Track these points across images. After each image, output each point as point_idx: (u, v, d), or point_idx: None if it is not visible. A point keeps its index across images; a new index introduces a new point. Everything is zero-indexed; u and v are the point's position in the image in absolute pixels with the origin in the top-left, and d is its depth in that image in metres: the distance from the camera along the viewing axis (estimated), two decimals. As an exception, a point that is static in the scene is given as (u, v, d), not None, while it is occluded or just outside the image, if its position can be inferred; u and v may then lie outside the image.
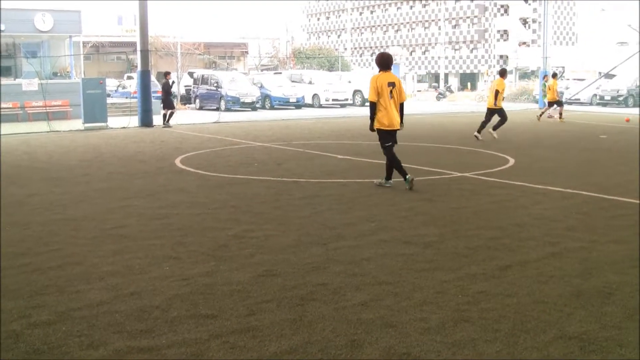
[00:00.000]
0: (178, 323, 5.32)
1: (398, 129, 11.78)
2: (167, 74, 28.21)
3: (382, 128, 11.62)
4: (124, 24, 66.73)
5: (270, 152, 17.63)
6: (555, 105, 30.64)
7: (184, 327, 5.24)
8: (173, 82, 29.77)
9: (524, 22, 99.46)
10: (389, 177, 11.93)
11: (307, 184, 12.30)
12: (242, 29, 73.55)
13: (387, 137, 11.74)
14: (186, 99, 43.21)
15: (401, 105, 11.78)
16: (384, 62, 11.67)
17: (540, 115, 30.51)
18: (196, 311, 5.58)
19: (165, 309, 5.63)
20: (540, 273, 6.72)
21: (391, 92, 11.47)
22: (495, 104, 20.84)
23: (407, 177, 11.61)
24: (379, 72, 11.66)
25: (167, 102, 27.43)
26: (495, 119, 20.88)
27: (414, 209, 10.00)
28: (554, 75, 31.40)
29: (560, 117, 29.96)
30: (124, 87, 45.78)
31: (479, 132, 20.69)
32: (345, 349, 4.84)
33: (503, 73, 22.03)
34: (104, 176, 13.20)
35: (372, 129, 11.75)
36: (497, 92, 20.79)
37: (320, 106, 42.50)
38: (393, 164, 11.79)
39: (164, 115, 27.13)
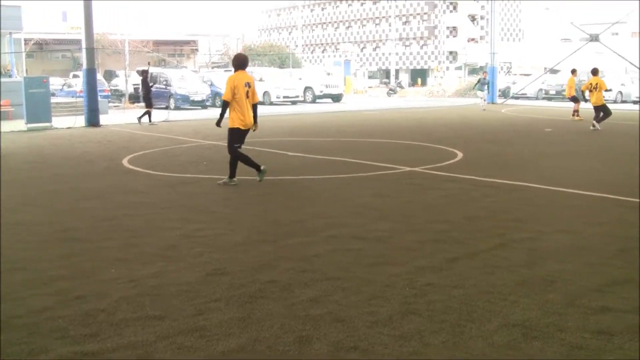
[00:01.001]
0: (124, 326, 5.26)
1: (251, 129, 11.96)
2: (144, 72, 28.16)
3: (238, 127, 11.71)
4: (69, 21, 65.54)
5: (220, 150, 17.51)
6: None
7: (130, 329, 5.19)
8: (153, 84, 29.39)
9: (473, 19, 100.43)
10: (232, 175, 11.91)
11: (257, 181, 12.28)
12: (192, 26, 72.82)
13: (238, 137, 11.86)
14: (135, 98, 42.82)
15: (254, 107, 11.89)
16: (240, 62, 11.82)
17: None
18: (143, 313, 5.54)
19: (111, 312, 5.57)
20: (487, 264, 6.81)
21: (247, 92, 11.60)
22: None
23: (261, 168, 11.91)
24: (235, 72, 11.80)
25: (147, 100, 27.43)
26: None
27: (365, 204, 10.05)
28: (573, 72, 30.08)
29: (576, 114, 28.55)
30: (69, 86, 45.09)
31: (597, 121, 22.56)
32: (294, 345, 4.86)
33: (596, 72, 24.03)
34: (50, 178, 13.02)
35: (218, 124, 12.06)
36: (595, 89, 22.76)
37: (271, 103, 42.39)
38: (237, 161, 11.87)
39: (148, 113, 27.25)
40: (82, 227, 8.85)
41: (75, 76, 45.15)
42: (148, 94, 27.59)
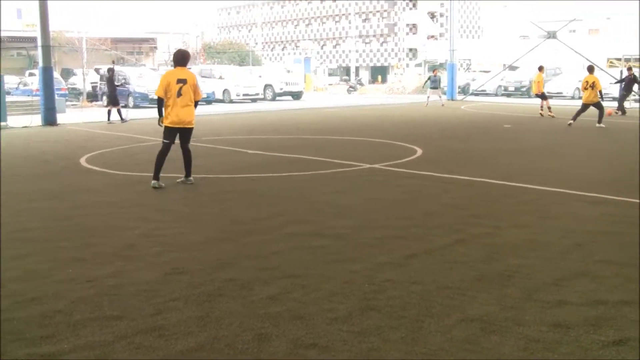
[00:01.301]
0: (81, 326, 5.20)
1: (188, 127, 11.60)
2: (110, 70, 28.02)
3: (167, 124, 11.46)
4: (24, 18, 64.59)
5: (179, 149, 17.43)
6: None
7: (87, 330, 5.13)
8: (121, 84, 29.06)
9: (432, 16, 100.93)
10: (188, 174, 11.73)
11: (217, 179, 12.25)
12: (151, 23, 72.48)
13: (169, 135, 11.52)
14: (93, 96, 42.41)
15: (196, 104, 11.60)
16: (178, 58, 11.50)
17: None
18: (101, 313, 5.48)
19: (68, 312, 5.50)
20: (445, 259, 6.86)
21: (180, 89, 11.18)
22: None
23: (155, 182, 11.42)
24: (174, 67, 11.52)
25: (113, 98, 27.21)
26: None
27: (324, 201, 10.06)
28: (540, 69, 29.44)
29: (549, 110, 28.03)
30: (25, 85, 44.48)
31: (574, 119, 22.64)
32: (253, 343, 4.85)
33: (592, 69, 23.46)
34: (6, 178, 12.81)
35: (159, 123, 11.65)
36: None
37: (231, 101, 42.27)
38: (158, 160, 11.54)
39: (110, 112, 27.05)
40: (38, 227, 8.74)
41: (31, 74, 44.59)
42: (114, 92, 27.33)
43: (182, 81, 11.17)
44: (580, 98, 40.64)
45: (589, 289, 5.86)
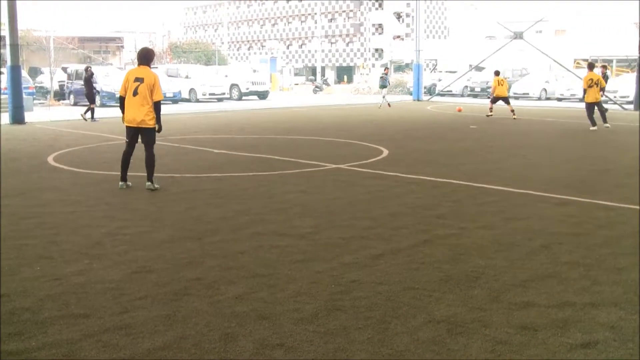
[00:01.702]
0: (49, 324, 5.19)
1: (145, 127, 11.09)
2: (88, 67, 28.14)
3: (125, 123, 11.26)
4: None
5: (145, 147, 17.38)
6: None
7: (55, 327, 5.12)
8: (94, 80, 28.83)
9: (398, 16, 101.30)
10: (148, 177, 11.22)
11: (182, 179, 12.21)
12: (117, 22, 72.11)
13: (127, 134, 11.33)
14: (60, 95, 42.04)
15: (158, 105, 11.09)
16: (140, 56, 11.23)
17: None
18: (68, 311, 5.46)
19: (36, 310, 5.48)
20: (411, 260, 6.90)
21: (136, 88, 10.85)
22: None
23: (122, 183, 11.31)
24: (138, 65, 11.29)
25: (90, 96, 27.31)
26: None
27: (289, 201, 10.07)
28: (497, 73, 28.68)
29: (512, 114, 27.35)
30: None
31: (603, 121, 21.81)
32: (219, 342, 4.85)
33: (592, 66, 22.52)
34: (-29, 176, 12.70)
35: (123, 121, 11.33)
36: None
37: (197, 100, 42.12)
38: (122, 161, 11.35)
39: (93, 110, 27.06)
40: (5, 224, 8.65)
41: (-1, 73, 44.03)
42: (92, 91, 27.29)
43: (139, 80, 10.90)
44: (547, 99, 41.32)
45: (556, 291, 5.92)
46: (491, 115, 27.08)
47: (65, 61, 50.69)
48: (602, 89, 22.60)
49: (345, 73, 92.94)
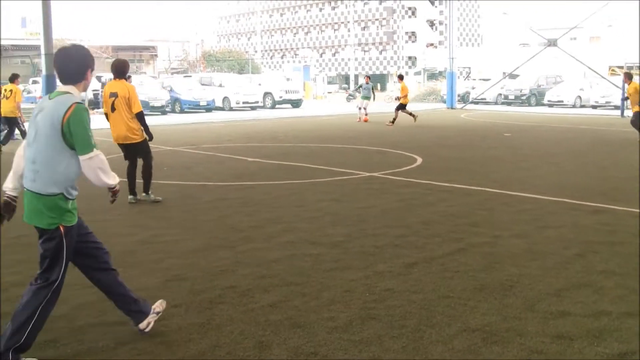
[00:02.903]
0: (84, 332, 5.23)
1: (130, 144, 10.81)
2: (128, 77, 28.23)
3: (113, 141, 10.99)
4: (28, 27, 64.78)
5: (179, 156, 17.49)
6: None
7: (90, 335, 5.16)
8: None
9: (431, 24, 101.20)
10: (144, 189, 11.00)
11: (215, 187, 12.26)
12: (151, 31, 72.70)
13: (122, 151, 11.12)
14: (94, 104, 42.41)
15: (139, 116, 10.64)
16: (113, 69, 10.67)
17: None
18: (103, 319, 5.51)
19: (71, 318, 5.53)
20: (445, 269, 6.86)
21: (113, 103, 10.47)
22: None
23: (131, 197, 10.83)
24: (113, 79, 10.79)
25: None
26: None
27: (322, 209, 10.06)
28: (401, 77, 29.68)
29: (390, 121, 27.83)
30: (29, 92, 44.51)
31: None
32: (253, 350, 4.85)
33: (631, 76, 21.00)
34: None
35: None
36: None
37: (231, 109, 42.26)
38: (127, 177, 11.00)
39: None
40: (36, 232, 8.71)
41: (34, 82, 44.57)
42: None
43: (113, 95, 10.48)
44: (582, 106, 40.93)
45: (591, 300, 5.85)
46: (392, 124, 27.00)
47: (99, 70, 51.12)
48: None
49: (378, 81, 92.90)
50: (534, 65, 42.90)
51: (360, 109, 31.66)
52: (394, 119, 27.65)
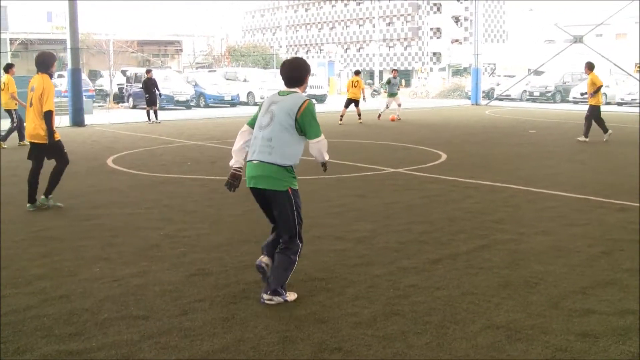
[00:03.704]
0: (108, 325, 5.26)
1: (37, 143, 9.97)
2: (148, 71, 29.24)
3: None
4: (54, 21, 65.09)
5: (204, 150, 17.56)
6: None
7: (114, 328, 5.19)
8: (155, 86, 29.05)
9: (456, 20, 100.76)
10: (45, 191, 10.11)
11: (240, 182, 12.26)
12: (176, 26, 72.74)
13: (30, 151, 10.27)
14: (119, 98, 42.66)
15: (46, 115, 9.69)
16: (36, 62, 9.92)
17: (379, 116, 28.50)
18: (127, 312, 5.54)
19: (95, 311, 5.57)
20: (469, 265, 6.84)
21: (31, 98, 9.76)
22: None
23: (29, 205, 9.96)
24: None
25: (150, 99, 28.01)
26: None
27: (347, 205, 10.06)
28: (357, 73, 28.93)
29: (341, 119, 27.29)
30: (55, 86, 44.84)
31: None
32: (277, 345, 4.87)
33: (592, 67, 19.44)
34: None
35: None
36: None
37: (255, 104, 42.22)
38: (28, 182, 10.13)
39: (148, 112, 27.80)
40: (63, 225, 8.82)
41: (60, 76, 44.83)
42: (152, 95, 28.04)
43: (32, 89, 9.82)
44: (607, 103, 40.63)
45: (616, 298, 5.81)
46: (342, 123, 26.60)
47: (124, 64, 51.42)
48: None
49: (403, 77, 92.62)
50: (560, 61, 42.59)
51: (387, 107, 29.02)
52: (346, 115, 27.28)
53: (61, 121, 25.45)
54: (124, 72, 44.05)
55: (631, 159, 15.45)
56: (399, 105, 28.86)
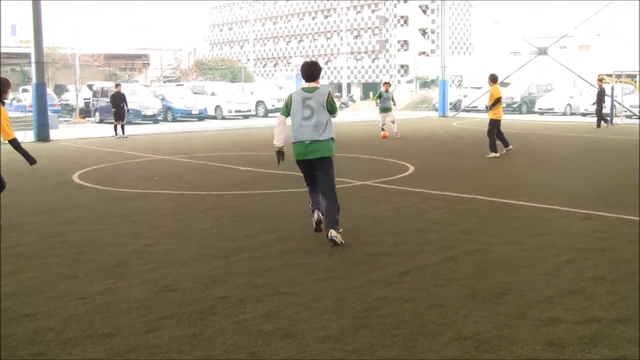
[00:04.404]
0: (73, 344, 5.19)
1: None
2: (117, 85, 29.06)
3: None
4: (18, 34, 64.49)
5: (171, 165, 17.48)
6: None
7: (79, 348, 5.12)
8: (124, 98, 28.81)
9: (423, 32, 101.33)
10: None
11: (208, 196, 12.24)
12: (143, 40, 72.57)
13: None
14: (86, 112, 42.36)
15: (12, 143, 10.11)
16: None
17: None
18: (93, 331, 5.47)
19: (60, 330, 5.49)
20: (437, 276, 6.86)
21: None
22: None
23: None
24: None
25: (118, 113, 27.72)
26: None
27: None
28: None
29: None
30: (18, 101, 44.26)
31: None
32: (245, 361, 4.84)
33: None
34: (-1, 194, 12.77)
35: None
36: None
37: (223, 118, 42.26)
38: None
39: (115, 127, 27.58)
40: (30, 242, 8.73)
41: (24, 90, 44.42)
42: (119, 109, 27.74)
43: None
44: (572, 114, 41.07)
45: (582, 307, 5.86)
46: None
47: (90, 78, 51.07)
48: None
49: (371, 89, 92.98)
50: (525, 73, 43.04)
51: (383, 124, 26.22)
52: None
53: (25, 136, 25.29)
54: (90, 87, 43.76)
55: (596, 169, 15.62)
56: (393, 122, 25.85)
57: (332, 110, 8.69)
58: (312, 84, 8.84)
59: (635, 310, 5.74)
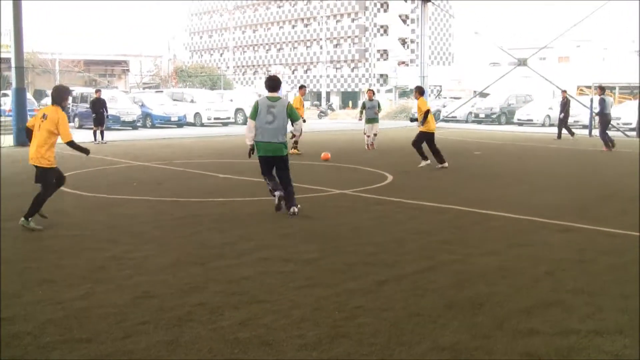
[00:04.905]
0: (51, 349, 5.17)
1: (36, 165, 10.45)
2: (97, 91, 28.96)
3: None
4: (-2, 40, 64.22)
5: (150, 171, 17.42)
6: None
7: (56, 352, 5.11)
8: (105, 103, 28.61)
9: (403, 42, 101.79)
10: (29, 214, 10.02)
11: (187, 203, 12.21)
12: (123, 46, 72.27)
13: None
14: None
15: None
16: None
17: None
18: (70, 336, 5.45)
19: (38, 334, 5.47)
20: (416, 286, 6.88)
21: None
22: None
23: (24, 219, 9.89)
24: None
25: (97, 119, 27.62)
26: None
27: (294, 226, 10.06)
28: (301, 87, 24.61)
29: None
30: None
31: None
32: (223, 368, 4.83)
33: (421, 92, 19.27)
34: (-24, 199, 12.70)
35: None
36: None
37: (202, 125, 42.16)
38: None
39: (95, 132, 27.49)
40: (8, 247, 8.66)
41: (4, 95, 44.12)
42: (100, 114, 27.58)
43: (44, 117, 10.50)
44: (551, 125, 41.29)
45: (560, 318, 5.89)
46: None
47: (70, 84, 50.78)
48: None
49: (350, 98, 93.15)
50: (504, 84, 43.27)
51: (368, 136, 24.79)
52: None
53: (4, 141, 25.13)
54: (70, 92, 43.50)
55: (574, 180, 15.72)
56: (375, 134, 24.70)
57: (292, 116, 10.79)
58: (275, 94, 10.98)
59: (612, 323, 5.78)
